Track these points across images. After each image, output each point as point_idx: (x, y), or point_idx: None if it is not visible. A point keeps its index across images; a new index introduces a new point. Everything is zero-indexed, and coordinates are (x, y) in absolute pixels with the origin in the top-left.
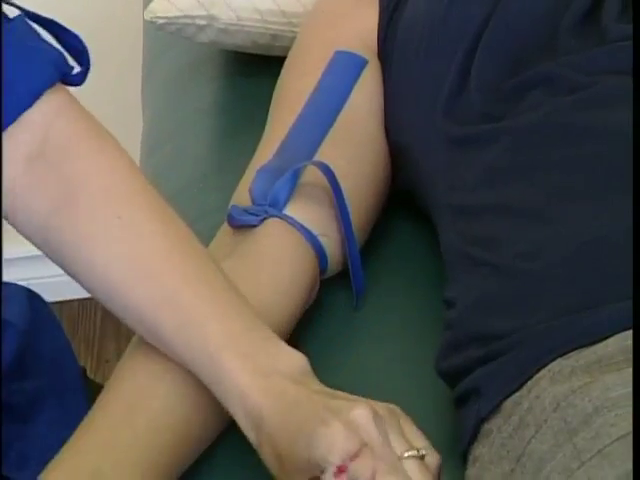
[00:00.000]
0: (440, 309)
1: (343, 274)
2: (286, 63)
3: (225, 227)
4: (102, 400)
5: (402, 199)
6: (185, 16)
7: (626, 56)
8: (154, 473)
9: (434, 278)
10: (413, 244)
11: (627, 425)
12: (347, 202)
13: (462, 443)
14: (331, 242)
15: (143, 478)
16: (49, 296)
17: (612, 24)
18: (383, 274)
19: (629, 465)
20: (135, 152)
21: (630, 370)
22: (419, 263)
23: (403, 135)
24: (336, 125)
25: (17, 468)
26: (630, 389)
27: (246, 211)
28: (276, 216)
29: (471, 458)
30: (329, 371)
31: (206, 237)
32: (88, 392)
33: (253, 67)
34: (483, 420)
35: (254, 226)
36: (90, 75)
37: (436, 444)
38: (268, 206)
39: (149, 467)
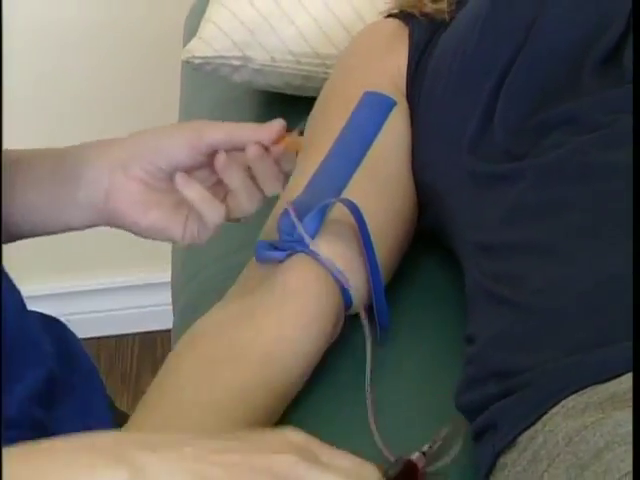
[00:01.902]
0: (463, 344)
1: (369, 309)
2: (317, 102)
3: (253, 261)
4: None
5: (428, 236)
6: (220, 56)
7: None
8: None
9: (459, 314)
10: (438, 280)
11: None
12: (373, 239)
13: (479, 476)
14: (356, 278)
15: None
16: (86, 332)
17: (632, 66)
18: (408, 309)
19: None
20: None
21: None
22: (444, 299)
23: (429, 173)
24: (364, 164)
25: None
26: None
27: (273, 246)
28: (302, 251)
29: None
30: (352, 403)
31: (236, 272)
32: (118, 422)
33: (286, 107)
34: (499, 454)
35: (281, 261)
36: (128, 110)
37: (455, 476)
38: (295, 241)
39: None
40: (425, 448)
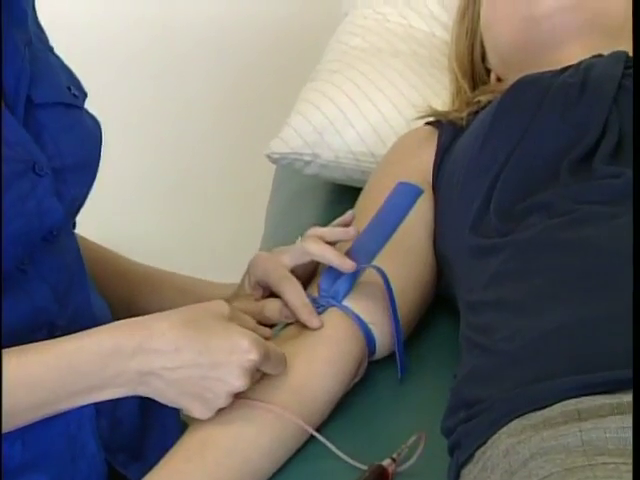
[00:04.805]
0: None
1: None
2: (364, 188)
3: None
4: (183, 437)
5: (444, 299)
6: (294, 153)
7: (604, 190)
8: None
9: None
10: (448, 332)
11: (551, 467)
12: (396, 299)
13: None
14: (379, 329)
15: None
16: None
17: (600, 166)
18: (422, 355)
19: None
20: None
21: (562, 428)
22: (450, 346)
23: (443, 247)
24: (394, 238)
25: (124, 467)
26: (560, 442)
27: (314, 300)
28: (335, 306)
29: None
30: (372, 429)
31: None
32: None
33: (347, 195)
34: (461, 466)
35: (319, 313)
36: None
37: None
38: (330, 297)
39: None
40: (395, 455)
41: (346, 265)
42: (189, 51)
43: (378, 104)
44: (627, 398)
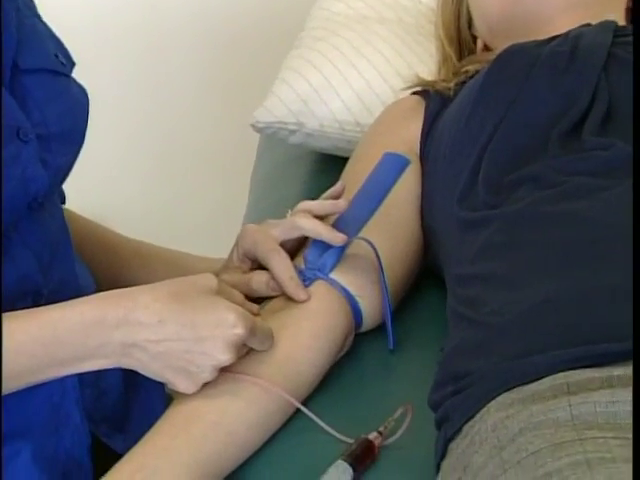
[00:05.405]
0: None
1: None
2: (351, 157)
3: None
4: (167, 411)
5: (431, 272)
6: (279, 122)
7: (593, 162)
8: (201, 472)
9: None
10: (435, 305)
11: (540, 443)
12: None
13: (436, 458)
14: (366, 302)
15: (191, 475)
16: None
17: (589, 137)
18: (410, 327)
19: (538, 472)
20: (239, 223)
21: (551, 402)
22: (439, 322)
23: (430, 219)
24: (380, 210)
25: (108, 437)
26: (549, 416)
27: (300, 272)
28: (322, 278)
29: (440, 471)
30: (359, 402)
31: None
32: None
33: (332, 165)
34: (449, 440)
35: (305, 285)
36: (207, 164)
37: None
38: (317, 270)
39: (197, 467)
40: (381, 428)
41: (337, 239)
42: (175, 19)
43: (363, 71)
44: (617, 371)
